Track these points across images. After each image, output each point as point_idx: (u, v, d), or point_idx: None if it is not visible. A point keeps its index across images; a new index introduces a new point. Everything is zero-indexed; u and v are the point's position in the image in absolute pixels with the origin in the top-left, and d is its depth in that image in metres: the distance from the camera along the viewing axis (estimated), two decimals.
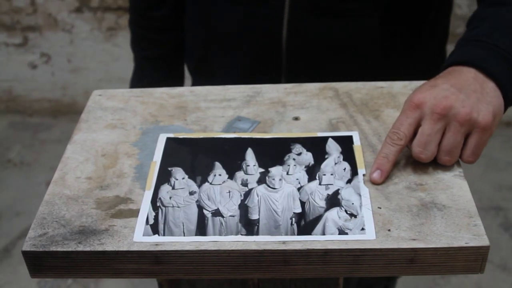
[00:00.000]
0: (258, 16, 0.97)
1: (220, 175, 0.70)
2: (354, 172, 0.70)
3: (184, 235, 0.64)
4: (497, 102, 0.70)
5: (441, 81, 0.71)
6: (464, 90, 0.69)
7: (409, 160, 0.71)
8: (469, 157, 0.70)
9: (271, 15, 0.95)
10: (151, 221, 0.65)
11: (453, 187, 0.68)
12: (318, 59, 0.98)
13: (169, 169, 0.72)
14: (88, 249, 0.62)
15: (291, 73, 0.99)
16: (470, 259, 0.61)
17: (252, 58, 1.01)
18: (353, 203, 0.66)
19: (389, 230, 0.63)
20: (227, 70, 1.04)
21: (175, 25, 1.12)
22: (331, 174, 0.70)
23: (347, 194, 0.67)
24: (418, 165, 0.71)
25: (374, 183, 0.69)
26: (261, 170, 0.71)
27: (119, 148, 0.76)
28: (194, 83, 1.13)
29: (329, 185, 0.68)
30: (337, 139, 0.75)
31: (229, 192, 0.68)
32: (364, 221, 0.64)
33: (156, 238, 0.63)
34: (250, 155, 0.73)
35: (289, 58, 0.98)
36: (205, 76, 1.08)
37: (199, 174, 0.71)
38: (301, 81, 0.87)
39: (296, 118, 0.80)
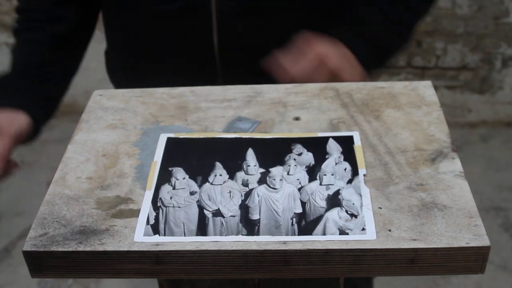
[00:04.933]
0: (187, 26, 0.97)
1: (220, 175, 0.70)
2: (355, 172, 0.70)
3: (184, 235, 0.64)
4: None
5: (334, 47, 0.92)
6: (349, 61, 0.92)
7: (409, 160, 0.71)
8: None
9: (200, 23, 0.96)
10: (152, 221, 0.65)
11: (454, 187, 0.68)
12: (251, 58, 0.98)
13: (170, 169, 0.72)
14: (88, 249, 0.62)
15: (226, 77, 1.00)
16: (471, 259, 0.61)
17: (185, 68, 1.00)
18: (353, 203, 0.66)
19: (389, 230, 0.63)
20: (159, 83, 0.96)
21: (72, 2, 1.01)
22: (332, 174, 0.70)
23: (347, 194, 0.67)
24: (419, 165, 0.71)
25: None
26: (262, 170, 0.71)
27: (120, 148, 0.76)
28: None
29: (329, 185, 0.68)
30: (337, 139, 0.75)
31: (230, 192, 0.68)
32: (364, 221, 0.64)
33: (156, 238, 0.63)
34: (250, 155, 0.73)
35: (223, 63, 0.99)
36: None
37: (199, 174, 0.71)
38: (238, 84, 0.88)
39: (297, 118, 0.80)
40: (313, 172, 0.70)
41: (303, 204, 0.66)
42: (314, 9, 1.01)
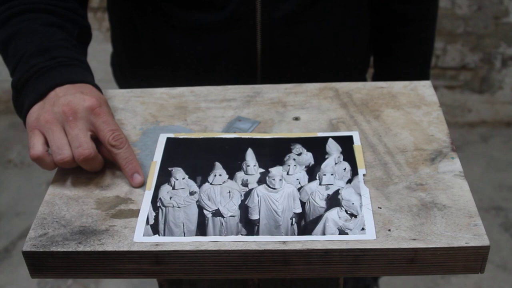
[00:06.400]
0: (230, 38, 0.95)
1: (220, 175, 0.70)
2: (354, 172, 0.70)
3: (184, 235, 0.64)
4: None
5: None
6: None
7: (409, 160, 0.71)
8: None
9: (243, 34, 0.94)
10: (151, 221, 0.65)
11: (454, 187, 0.68)
12: (292, 66, 0.99)
13: (169, 169, 0.72)
14: (88, 249, 0.62)
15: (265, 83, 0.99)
16: (470, 259, 0.61)
17: (222, 78, 0.97)
18: (353, 203, 0.66)
19: (389, 230, 0.63)
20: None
21: None
22: (331, 174, 0.70)
23: (347, 194, 0.67)
24: (419, 165, 0.71)
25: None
26: (261, 170, 0.71)
27: None
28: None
29: (329, 185, 0.68)
30: (337, 139, 0.75)
31: (229, 192, 0.68)
32: (364, 221, 0.64)
33: (156, 238, 0.63)
34: (250, 155, 0.73)
35: (264, 72, 0.98)
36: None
37: (199, 174, 0.71)
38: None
39: (296, 118, 0.80)
40: (312, 172, 0.70)
41: (303, 204, 0.66)
42: (354, 19, 1.01)
